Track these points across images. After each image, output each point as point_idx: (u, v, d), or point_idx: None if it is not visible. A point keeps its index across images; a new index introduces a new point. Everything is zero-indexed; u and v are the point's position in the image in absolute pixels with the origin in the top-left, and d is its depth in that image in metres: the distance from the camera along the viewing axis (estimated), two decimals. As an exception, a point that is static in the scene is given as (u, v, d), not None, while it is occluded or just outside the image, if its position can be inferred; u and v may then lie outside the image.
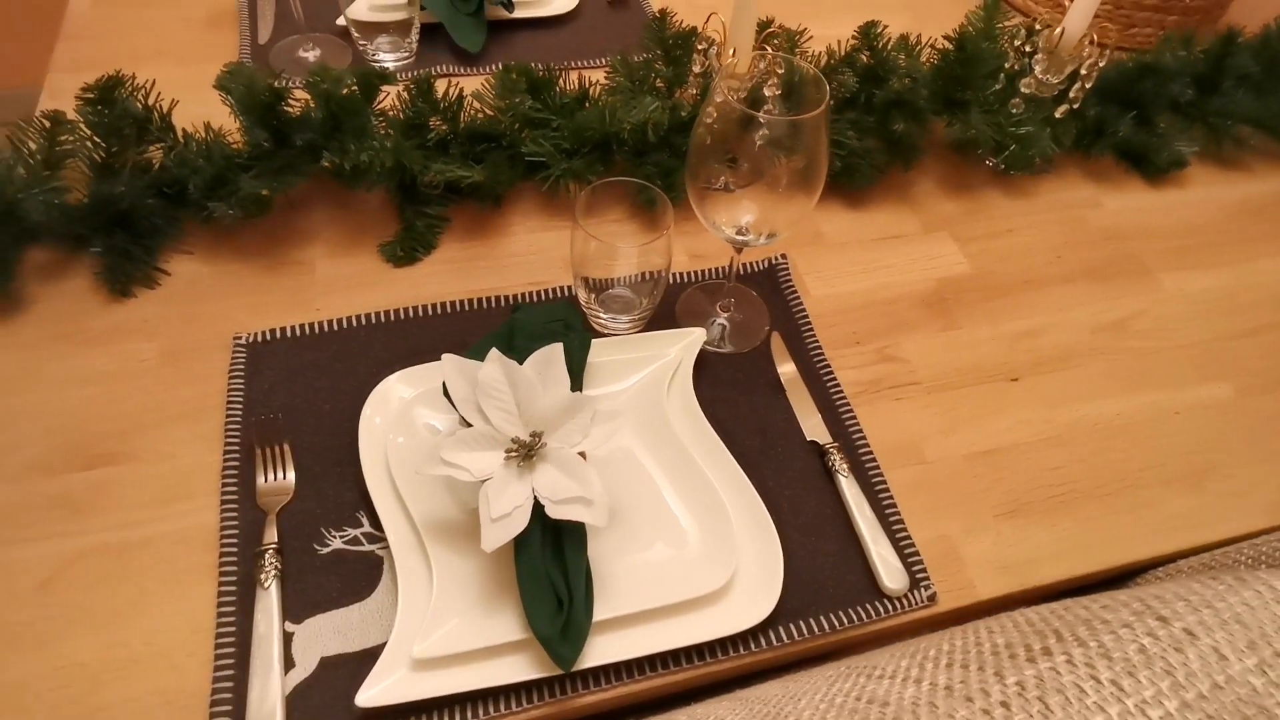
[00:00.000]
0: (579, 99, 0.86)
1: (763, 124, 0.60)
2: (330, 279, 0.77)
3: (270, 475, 0.63)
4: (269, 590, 0.57)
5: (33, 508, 0.61)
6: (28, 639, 0.55)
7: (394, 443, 0.62)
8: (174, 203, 0.77)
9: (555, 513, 0.55)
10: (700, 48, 0.88)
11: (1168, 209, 0.96)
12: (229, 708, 0.53)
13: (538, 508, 0.56)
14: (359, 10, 0.96)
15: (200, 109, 0.77)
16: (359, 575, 0.59)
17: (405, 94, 0.81)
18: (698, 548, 0.61)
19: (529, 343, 0.64)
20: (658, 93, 0.88)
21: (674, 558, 0.61)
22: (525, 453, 0.57)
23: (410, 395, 0.66)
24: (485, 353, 0.60)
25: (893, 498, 0.67)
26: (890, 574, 0.62)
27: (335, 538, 0.61)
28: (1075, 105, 0.91)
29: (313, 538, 0.61)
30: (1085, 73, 0.88)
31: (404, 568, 0.57)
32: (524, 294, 0.77)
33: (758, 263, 0.83)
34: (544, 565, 0.56)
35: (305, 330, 0.72)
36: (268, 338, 0.71)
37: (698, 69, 0.88)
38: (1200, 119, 1.00)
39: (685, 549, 0.61)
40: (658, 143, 0.84)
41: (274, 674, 0.53)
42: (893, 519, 0.65)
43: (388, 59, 0.99)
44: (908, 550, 0.64)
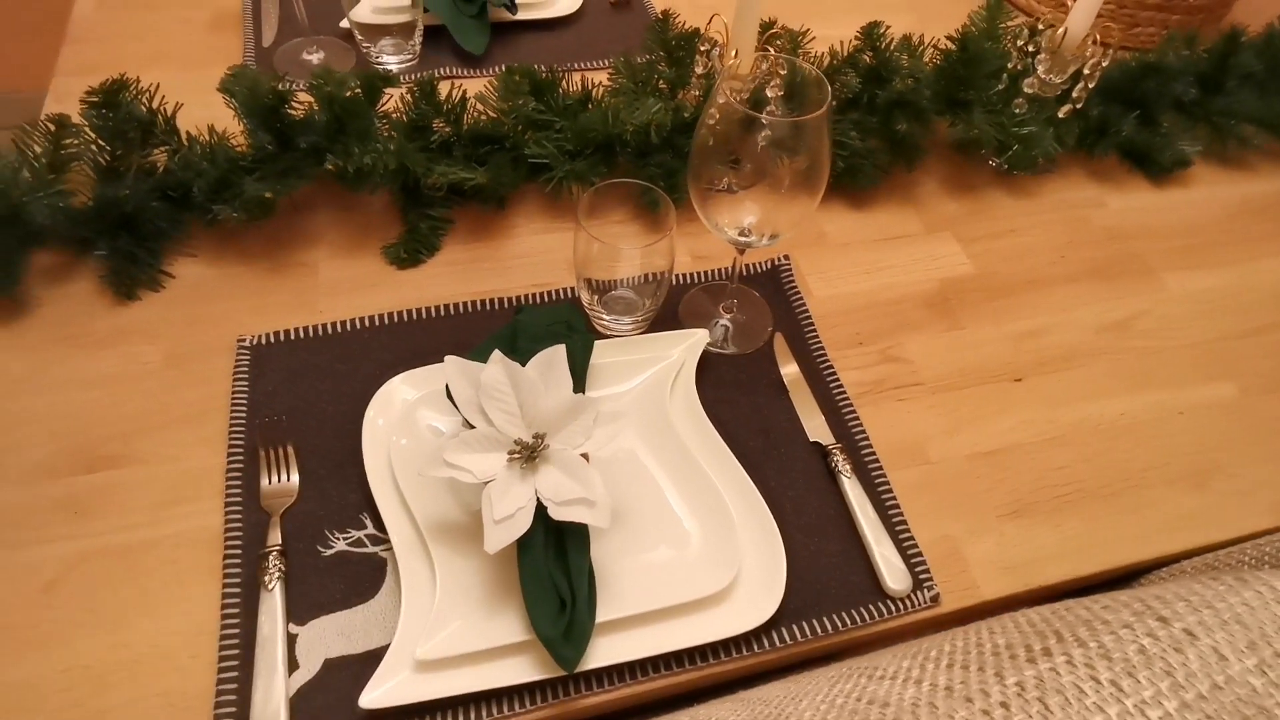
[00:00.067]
0: (582, 101, 0.86)
1: (765, 125, 0.60)
2: (334, 281, 0.78)
3: (274, 477, 0.63)
4: (273, 592, 0.57)
5: (37, 510, 0.61)
6: (33, 641, 0.55)
7: (397, 444, 0.63)
8: (178, 205, 0.77)
9: (558, 514, 0.55)
10: (703, 49, 0.88)
11: (1171, 208, 0.96)
12: (233, 709, 0.53)
13: (540, 509, 0.56)
14: (362, 13, 0.96)
15: (204, 112, 0.77)
16: (362, 577, 0.59)
17: (408, 96, 0.81)
18: (700, 549, 0.61)
19: (532, 344, 0.64)
20: (660, 94, 0.88)
21: (677, 559, 0.61)
22: (528, 454, 0.57)
23: (413, 397, 0.66)
24: (488, 354, 0.60)
25: (896, 498, 0.67)
26: (893, 575, 0.62)
27: (339, 539, 0.61)
28: (1078, 105, 0.91)
29: (316, 540, 0.61)
30: (1088, 72, 0.88)
31: (407, 569, 0.57)
32: (527, 296, 0.77)
33: (760, 264, 0.83)
34: (547, 567, 0.56)
35: (309, 332, 0.72)
36: (271, 340, 0.71)
37: (700, 70, 0.88)
38: (1204, 118, 1.00)
39: (688, 550, 0.61)
40: (660, 144, 0.85)
41: (278, 675, 0.54)
42: (896, 520, 0.65)
43: (391, 61, 0.99)
44: (911, 551, 0.64)
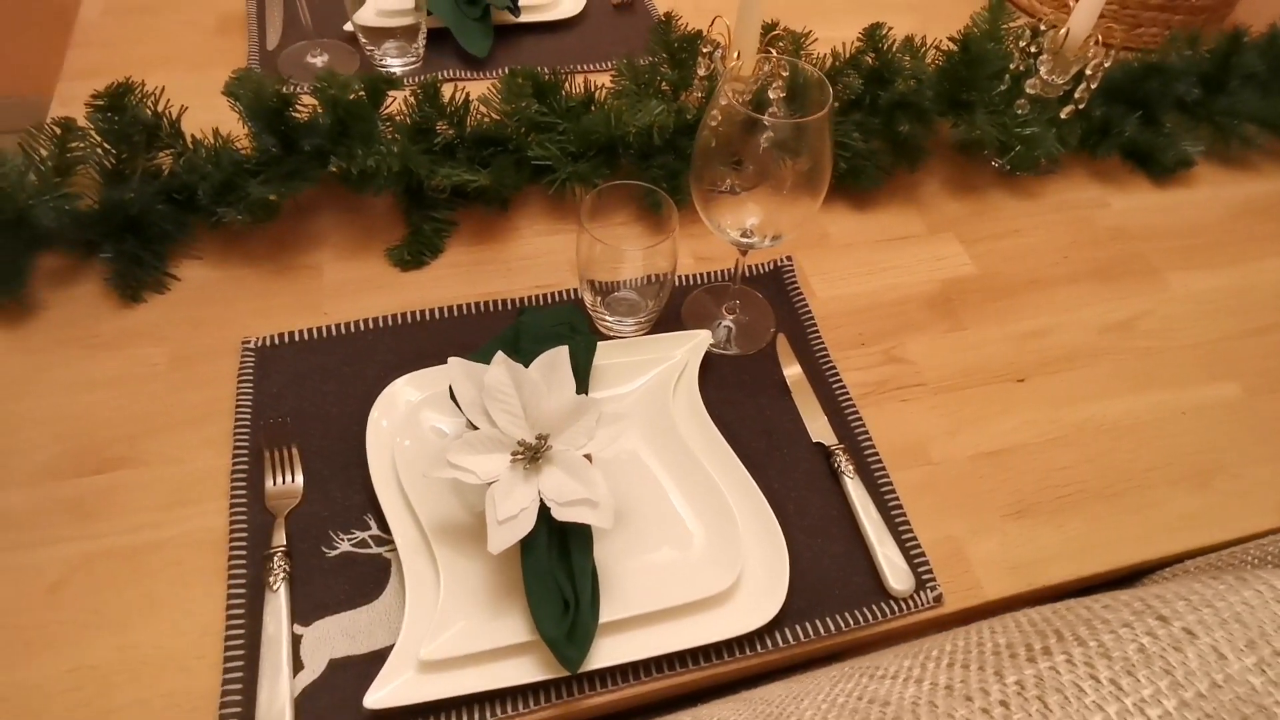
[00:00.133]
0: (585, 102, 0.86)
1: (767, 126, 0.60)
2: (338, 283, 0.78)
3: (279, 478, 0.64)
4: (278, 593, 0.57)
5: (43, 512, 0.61)
6: (39, 642, 0.55)
7: (401, 446, 0.63)
8: (183, 208, 0.77)
9: (561, 515, 0.55)
10: (705, 51, 0.88)
11: (1174, 209, 0.96)
12: (238, 709, 0.53)
13: (544, 510, 0.56)
14: (366, 16, 0.97)
15: (209, 115, 0.78)
16: (367, 578, 0.59)
17: (412, 99, 0.81)
18: (703, 549, 0.61)
19: (535, 346, 0.64)
20: (663, 96, 0.88)
21: (680, 559, 0.61)
22: (531, 455, 0.58)
23: (417, 398, 0.66)
24: (491, 356, 0.60)
25: (899, 499, 0.67)
26: (896, 575, 0.62)
27: (343, 540, 0.61)
28: (1081, 106, 0.91)
29: (321, 540, 0.61)
30: (1090, 73, 0.88)
31: (411, 570, 0.57)
32: (530, 297, 0.78)
33: (763, 265, 0.83)
34: (550, 567, 0.56)
35: (313, 334, 0.72)
36: (276, 342, 0.72)
37: (703, 72, 0.88)
38: (1206, 118, 1.00)
39: (691, 551, 0.61)
40: (663, 146, 0.85)
41: (283, 676, 0.54)
42: (898, 520, 0.65)
43: (395, 64, 0.99)
44: (914, 551, 0.64)
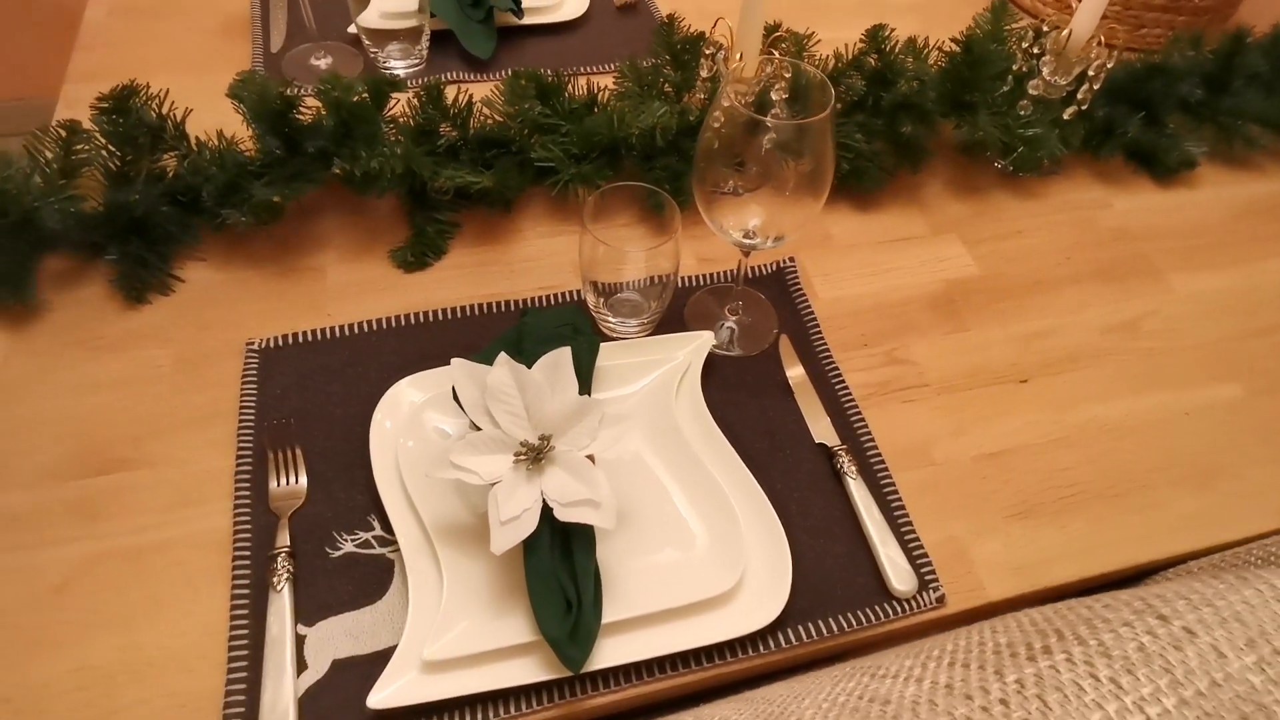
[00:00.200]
0: (588, 104, 0.86)
1: (770, 128, 0.60)
2: (341, 285, 0.78)
3: (282, 479, 0.64)
4: (281, 593, 0.57)
5: (48, 513, 0.61)
6: (44, 642, 0.56)
7: (404, 447, 0.63)
8: (188, 210, 0.78)
9: (564, 515, 0.55)
10: (708, 52, 0.88)
11: (1177, 209, 0.96)
12: (242, 710, 0.53)
13: (546, 510, 0.56)
14: (370, 18, 0.97)
15: (213, 117, 0.78)
16: (370, 578, 0.59)
17: (415, 101, 0.82)
18: (706, 550, 0.61)
19: (538, 347, 0.64)
20: (666, 97, 0.88)
21: (682, 560, 0.61)
22: (534, 456, 0.58)
23: (420, 399, 0.66)
24: (494, 357, 0.60)
25: (901, 499, 0.67)
26: (899, 576, 0.62)
27: (347, 541, 0.61)
28: (1083, 107, 0.91)
29: (324, 541, 0.61)
30: (1093, 74, 0.88)
31: (414, 570, 0.57)
32: (533, 298, 0.78)
33: (766, 266, 0.83)
34: (553, 567, 0.56)
35: (317, 335, 0.73)
36: (280, 343, 0.72)
37: (705, 74, 0.88)
38: (1210, 119, 1.00)
39: (694, 551, 0.61)
40: (666, 147, 0.85)
41: (286, 676, 0.54)
42: (901, 521, 0.65)
43: (398, 66, 0.99)
44: (916, 552, 0.64)
